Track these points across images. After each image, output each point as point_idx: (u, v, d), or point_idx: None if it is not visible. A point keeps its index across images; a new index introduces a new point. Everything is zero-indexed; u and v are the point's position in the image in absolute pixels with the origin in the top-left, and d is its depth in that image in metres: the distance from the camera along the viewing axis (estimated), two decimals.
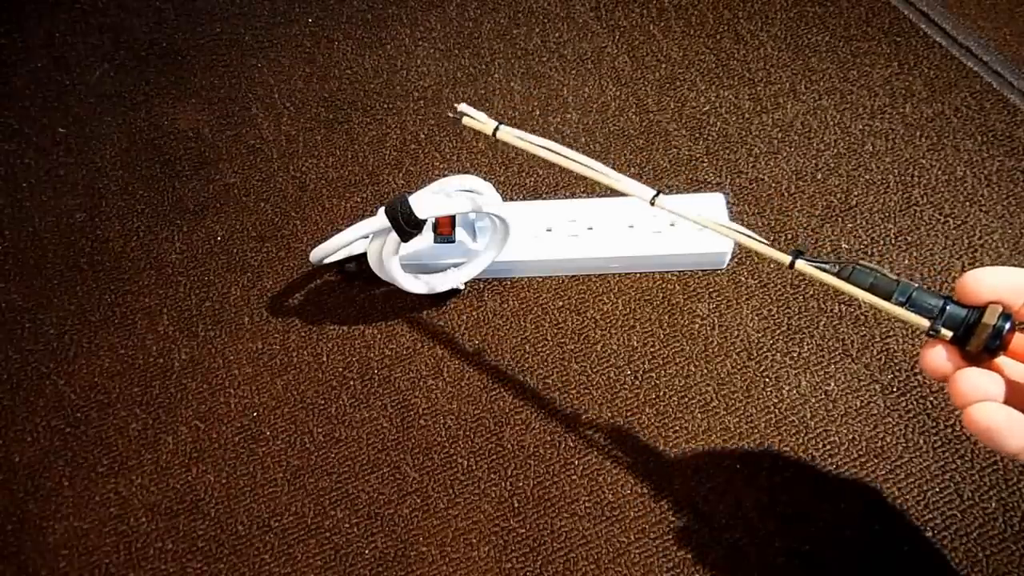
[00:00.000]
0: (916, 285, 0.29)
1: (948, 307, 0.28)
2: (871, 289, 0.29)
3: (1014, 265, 0.44)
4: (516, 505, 0.40)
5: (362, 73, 0.56)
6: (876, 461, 0.39)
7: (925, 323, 0.28)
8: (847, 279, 0.29)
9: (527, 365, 0.43)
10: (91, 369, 0.45)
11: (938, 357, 0.29)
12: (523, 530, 0.39)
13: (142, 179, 0.52)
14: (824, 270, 0.30)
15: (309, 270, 0.48)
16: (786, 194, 0.48)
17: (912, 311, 0.28)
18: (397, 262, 0.41)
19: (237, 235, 0.49)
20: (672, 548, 0.38)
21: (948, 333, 0.28)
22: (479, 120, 0.35)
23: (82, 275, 0.49)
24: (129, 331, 0.46)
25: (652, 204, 0.32)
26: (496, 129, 0.34)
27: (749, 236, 0.31)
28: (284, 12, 0.60)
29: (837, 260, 0.30)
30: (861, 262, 0.29)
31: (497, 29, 0.58)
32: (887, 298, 0.29)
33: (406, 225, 0.38)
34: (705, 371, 0.42)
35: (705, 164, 0.49)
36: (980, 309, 0.28)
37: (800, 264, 0.30)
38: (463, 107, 0.35)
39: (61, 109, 0.56)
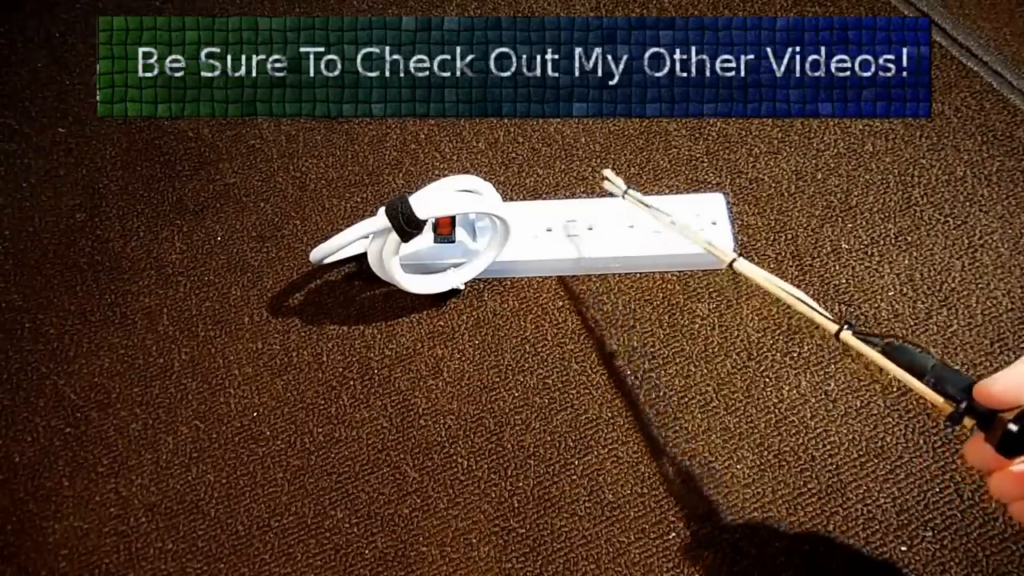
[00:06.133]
0: (953, 368, 0.28)
1: (970, 401, 0.27)
2: (908, 367, 0.29)
3: (1014, 266, 0.44)
4: (516, 505, 0.40)
5: None
6: (876, 461, 0.39)
7: (948, 408, 0.28)
8: (889, 356, 0.30)
9: (527, 365, 0.43)
10: (91, 369, 0.45)
11: (973, 452, 0.28)
12: (523, 530, 0.39)
13: (142, 179, 0.52)
14: (870, 343, 0.30)
15: (309, 270, 0.48)
16: (786, 194, 0.48)
17: (940, 394, 0.28)
18: (397, 262, 0.41)
19: (237, 235, 0.49)
20: (672, 548, 0.38)
21: (970, 422, 0.27)
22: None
23: (82, 275, 0.49)
24: (129, 331, 0.46)
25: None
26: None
27: (805, 302, 0.32)
28: (284, 13, 0.60)
29: (883, 335, 0.31)
30: (907, 341, 0.30)
31: None
32: (919, 377, 0.29)
33: (406, 225, 0.38)
34: (705, 371, 0.42)
35: (705, 164, 0.49)
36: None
37: (845, 335, 0.31)
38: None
39: (61, 109, 0.56)
